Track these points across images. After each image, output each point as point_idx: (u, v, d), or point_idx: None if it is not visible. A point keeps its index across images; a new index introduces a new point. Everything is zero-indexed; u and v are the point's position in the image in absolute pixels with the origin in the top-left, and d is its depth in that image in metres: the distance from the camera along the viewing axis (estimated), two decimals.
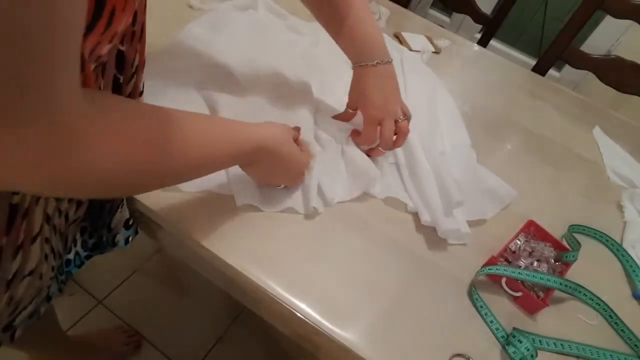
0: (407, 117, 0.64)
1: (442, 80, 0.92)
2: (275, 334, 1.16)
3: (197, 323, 1.18)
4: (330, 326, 0.49)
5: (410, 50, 0.98)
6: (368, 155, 0.65)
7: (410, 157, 0.67)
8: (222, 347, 1.15)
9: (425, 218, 0.61)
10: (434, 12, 2.49)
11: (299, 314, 0.49)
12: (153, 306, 1.18)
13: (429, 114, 0.77)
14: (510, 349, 0.51)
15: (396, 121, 0.62)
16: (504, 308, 0.56)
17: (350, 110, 0.67)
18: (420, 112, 0.75)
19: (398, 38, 1.01)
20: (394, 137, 0.63)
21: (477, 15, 1.41)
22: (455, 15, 2.39)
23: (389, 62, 0.62)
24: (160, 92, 0.62)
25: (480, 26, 2.18)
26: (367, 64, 0.61)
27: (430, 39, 1.04)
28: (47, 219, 0.45)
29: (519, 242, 0.63)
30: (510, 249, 0.61)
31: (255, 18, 0.86)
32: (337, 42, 0.64)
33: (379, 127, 0.62)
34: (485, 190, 0.69)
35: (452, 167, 0.69)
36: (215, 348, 1.14)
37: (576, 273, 0.60)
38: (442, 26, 1.14)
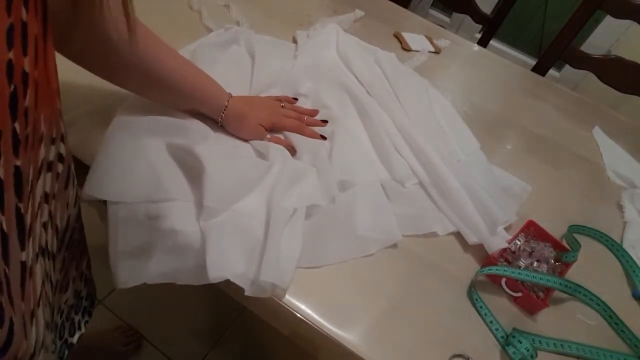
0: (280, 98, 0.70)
1: (440, 81, 0.92)
2: (274, 334, 1.16)
3: (197, 323, 1.18)
4: (329, 326, 0.49)
5: (410, 50, 0.98)
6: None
7: (434, 174, 0.65)
8: (222, 347, 1.15)
9: (473, 239, 0.60)
10: (434, 12, 2.49)
11: (298, 315, 0.49)
12: (153, 306, 1.17)
13: (432, 122, 0.76)
14: (510, 349, 0.51)
15: (283, 106, 0.68)
16: (504, 308, 0.56)
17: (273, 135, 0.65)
18: (423, 121, 0.73)
19: (398, 38, 1.01)
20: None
21: (477, 15, 1.41)
22: (455, 15, 2.39)
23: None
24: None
25: (480, 26, 2.18)
26: (228, 100, 0.60)
27: (430, 39, 1.04)
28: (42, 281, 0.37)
29: (518, 242, 0.63)
30: (510, 249, 0.61)
31: (238, 57, 0.75)
32: (193, 105, 0.60)
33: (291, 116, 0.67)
34: (504, 190, 0.69)
35: (476, 175, 0.68)
36: (215, 348, 1.14)
37: (576, 273, 0.60)
38: (442, 26, 1.14)
